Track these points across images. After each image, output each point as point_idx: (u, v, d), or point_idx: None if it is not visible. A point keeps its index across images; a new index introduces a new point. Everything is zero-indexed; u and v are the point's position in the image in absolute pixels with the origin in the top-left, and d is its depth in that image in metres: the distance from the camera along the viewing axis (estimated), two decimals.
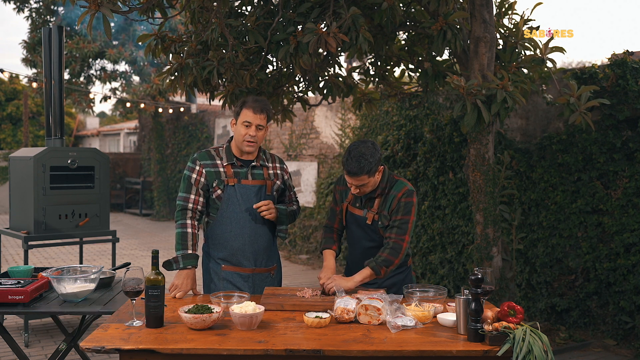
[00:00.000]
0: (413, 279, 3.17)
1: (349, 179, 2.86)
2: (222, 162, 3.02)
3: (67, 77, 12.89)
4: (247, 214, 2.99)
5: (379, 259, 2.84)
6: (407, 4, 4.50)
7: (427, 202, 6.38)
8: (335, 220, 3.17)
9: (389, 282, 3.01)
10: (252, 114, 2.94)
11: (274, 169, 3.13)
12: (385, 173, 2.96)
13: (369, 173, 2.81)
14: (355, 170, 2.79)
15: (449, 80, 3.80)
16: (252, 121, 2.94)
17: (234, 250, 3.00)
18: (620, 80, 4.79)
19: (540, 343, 2.14)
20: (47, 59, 5.19)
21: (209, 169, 2.99)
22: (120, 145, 24.42)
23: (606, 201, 4.92)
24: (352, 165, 2.79)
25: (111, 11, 3.16)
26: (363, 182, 2.83)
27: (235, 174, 3.00)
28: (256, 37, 4.09)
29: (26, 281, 2.94)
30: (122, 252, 9.30)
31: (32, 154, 4.90)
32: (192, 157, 3.05)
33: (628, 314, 4.78)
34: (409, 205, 2.92)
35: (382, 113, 7.29)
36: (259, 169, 3.07)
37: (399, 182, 2.97)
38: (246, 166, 3.03)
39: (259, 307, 2.40)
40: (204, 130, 13.14)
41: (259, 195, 3.02)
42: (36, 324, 5.25)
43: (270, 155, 3.18)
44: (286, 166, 3.23)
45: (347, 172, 2.83)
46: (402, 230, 2.89)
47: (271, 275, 3.11)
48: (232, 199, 2.98)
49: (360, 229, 3.03)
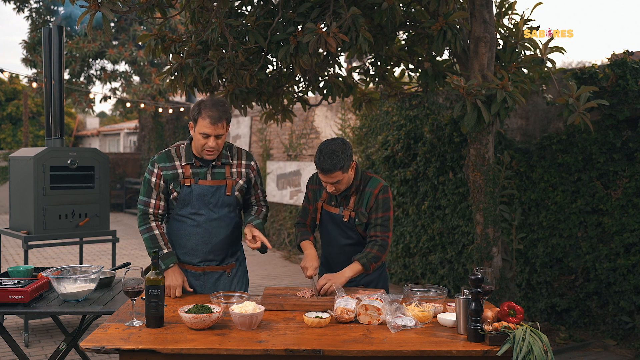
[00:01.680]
0: (387, 275, 3.22)
1: (323, 177, 2.86)
2: (181, 162, 2.93)
3: (67, 77, 12.89)
4: (202, 215, 2.93)
5: (369, 255, 2.88)
6: (407, 4, 4.50)
7: (427, 202, 6.38)
8: (308, 218, 3.18)
9: (366, 280, 3.05)
10: (208, 124, 2.79)
11: (238, 167, 3.01)
12: (358, 169, 2.98)
13: (342, 169, 2.83)
14: (329, 167, 2.80)
15: (449, 80, 3.80)
16: (210, 132, 2.81)
17: (187, 249, 2.98)
18: (620, 80, 4.79)
19: (540, 343, 2.14)
20: (47, 59, 5.19)
21: (166, 172, 2.92)
22: (120, 145, 24.42)
23: (606, 201, 4.92)
24: (325, 163, 2.81)
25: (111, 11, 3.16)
26: (337, 178, 2.84)
27: (194, 174, 2.92)
28: (256, 37, 4.09)
29: (26, 281, 2.94)
30: (122, 252, 9.30)
31: (32, 154, 4.90)
32: (152, 159, 2.98)
33: (628, 314, 4.78)
34: (387, 202, 2.96)
35: (382, 113, 7.29)
36: (221, 167, 2.97)
37: (373, 178, 3.00)
38: (206, 166, 2.94)
39: (259, 307, 2.40)
40: None
41: (217, 196, 2.94)
42: (36, 324, 5.25)
43: (236, 151, 3.05)
44: (254, 163, 3.10)
45: (321, 171, 2.84)
46: (386, 227, 2.95)
47: (227, 273, 3.05)
48: (186, 199, 2.92)
49: (336, 226, 3.04)
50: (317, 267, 2.89)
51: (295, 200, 9.17)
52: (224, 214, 2.97)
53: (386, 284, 3.15)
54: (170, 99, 14.14)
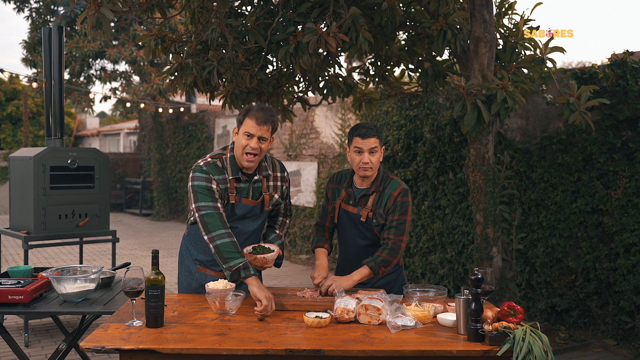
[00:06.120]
0: (405, 278, 3.16)
1: (361, 142, 2.87)
2: (227, 175, 2.81)
3: (67, 77, 12.89)
4: (236, 228, 2.85)
5: (378, 259, 2.85)
6: (407, 4, 4.50)
7: (427, 202, 6.38)
8: (327, 219, 3.17)
9: (381, 282, 3.01)
10: (254, 124, 2.71)
11: (274, 180, 2.95)
12: (380, 170, 2.99)
13: (379, 137, 2.90)
14: (367, 131, 2.86)
15: (449, 80, 3.80)
16: (255, 133, 2.71)
17: (211, 256, 2.88)
18: (620, 80, 4.79)
19: (540, 343, 2.14)
20: (47, 59, 5.19)
21: (222, 185, 2.78)
22: (120, 145, 24.42)
23: (606, 201, 4.92)
24: (363, 128, 2.88)
25: (111, 11, 3.16)
26: (373, 145, 2.87)
27: (238, 190, 2.82)
28: (256, 37, 4.09)
29: (26, 281, 2.94)
30: (122, 252, 9.30)
31: (32, 154, 4.90)
32: (202, 169, 2.76)
33: (628, 314, 4.78)
34: (405, 205, 2.93)
35: (382, 113, 7.28)
36: (259, 181, 2.90)
37: (394, 180, 2.98)
38: (249, 180, 2.86)
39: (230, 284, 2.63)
40: (204, 130, 13.14)
41: (254, 211, 2.89)
42: (36, 324, 5.25)
43: (271, 162, 2.97)
44: (287, 174, 3.03)
45: (358, 135, 2.88)
46: (400, 230, 2.91)
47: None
48: (226, 213, 2.81)
49: (353, 226, 3.02)
50: (325, 278, 2.86)
51: (295, 200, 9.17)
52: (256, 227, 2.94)
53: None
54: (170, 99, 14.13)
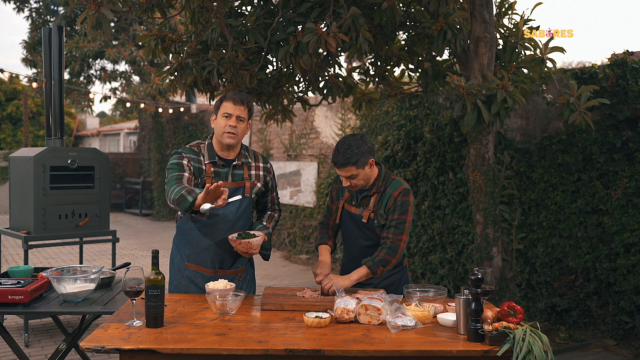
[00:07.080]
0: (409, 279, 3.16)
1: (338, 171, 2.89)
2: (204, 159, 2.92)
3: (67, 77, 12.89)
4: (218, 215, 2.89)
5: (376, 259, 2.85)
6: (407, 4, 4.50)
7: (427, 202, 6.38)
8: (331, 218, 3.18)
9: (385, 283, 3.00)
10: (232, 105, 2.87)
11: (256, 169, 3.03)
12: (381, 171, 2.98)
13: (356, 164, 2.83)
14: (342, 162, 2.83)
15: (449, 80, 3.80)
16: (233, 112, 2.86)
17: (201, 249, 2.93)
18: (620, 80, 4.79)
19: (540, 343, 2.14)
20: (47, 59, 5.19)
21: (195, 164, 2.89)
22: (120, 145, 24.42)
23: (606, 201, 4.92)
24: (338, 157, 2.84)
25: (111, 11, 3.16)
26: (351, 173, 2.85)
27: (215, 174, 2.91)
28: (256, 37, 4.09)
29: (26, 281, 2.94)
30: (122, 252, 9.30)
31: (32, 154, 4.90)
32: (177, 151, 2.93)
33: (628, 314, 4.78)
34: (406, 205, 2.92)
35: (382, 113, 7.29)
36: (240, 168, 2.97)
37: (395, 180, 2.97)
38: (227, 166, 2.94)
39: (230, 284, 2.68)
40: (204, 130, 13.14)
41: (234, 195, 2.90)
42: (36, 324, 5.25)
43: (253, 153, 3.07)
44: (270, 165, 3.12)
45: (334, 164, 2.87)
46: (399, 230, 2.90)
47: (237, 277, 3.02)
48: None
49: (356, 227, 3.03)
50: (327, 275, 2.87)
51: (295, 200, 9.17)
52: (239, 215, 2.95)
53: None
54: (170, 99, 14.12)
